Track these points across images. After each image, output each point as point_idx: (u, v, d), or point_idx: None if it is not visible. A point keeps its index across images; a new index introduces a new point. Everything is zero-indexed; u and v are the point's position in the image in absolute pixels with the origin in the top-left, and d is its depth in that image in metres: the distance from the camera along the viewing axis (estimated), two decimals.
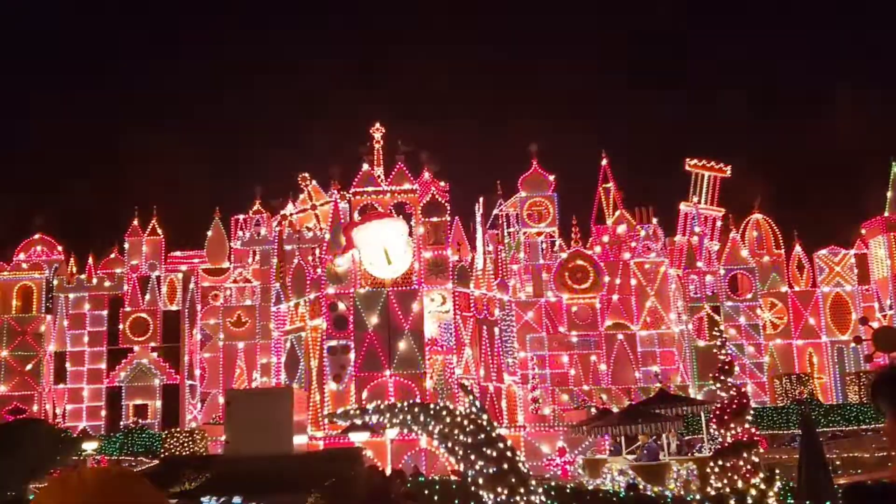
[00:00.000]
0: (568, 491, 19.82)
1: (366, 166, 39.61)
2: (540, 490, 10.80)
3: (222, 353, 49.81)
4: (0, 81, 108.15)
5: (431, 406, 10.91)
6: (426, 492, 17.74)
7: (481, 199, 43.19)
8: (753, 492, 19.42)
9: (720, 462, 20.63)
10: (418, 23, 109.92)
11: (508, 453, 10.46)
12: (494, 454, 10.43)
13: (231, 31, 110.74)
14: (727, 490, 19.76)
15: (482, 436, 10.53)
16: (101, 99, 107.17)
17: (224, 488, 17.42)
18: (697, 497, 20.67)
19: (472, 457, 10.39)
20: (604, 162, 52.40)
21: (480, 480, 10.37)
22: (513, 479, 10.30)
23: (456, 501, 17.08)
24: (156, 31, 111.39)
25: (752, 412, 22.33)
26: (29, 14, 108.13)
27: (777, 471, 21.36)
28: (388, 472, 17.25)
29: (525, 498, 10.28)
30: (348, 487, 18.43)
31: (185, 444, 38.39)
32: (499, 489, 10.26)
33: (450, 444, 10.63)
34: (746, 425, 21.01)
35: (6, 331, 48.60)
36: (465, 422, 10.58)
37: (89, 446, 30.43)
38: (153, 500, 2.54)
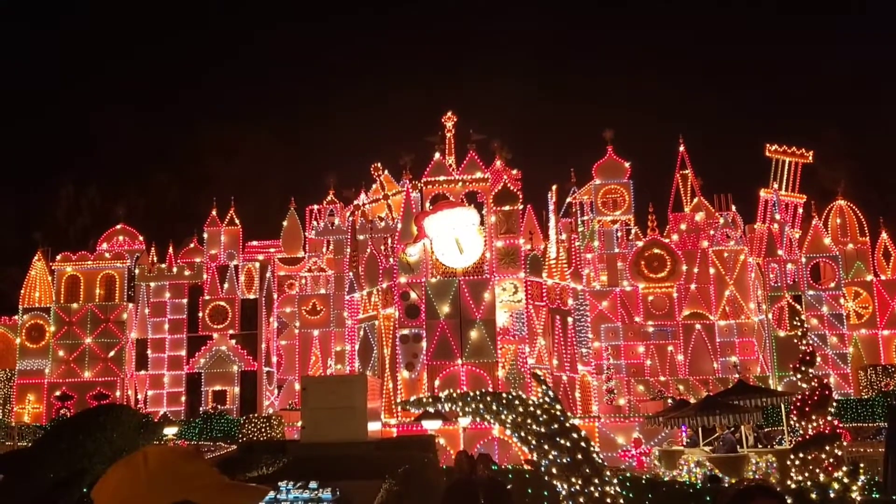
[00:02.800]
0: (643, 482, 19.54)
1: (437, 155, 39.60)
2: (615, 480, 10.64)
3: (298, 341, 50.60)
4: (85, 78, 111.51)
5: (504, 395, 10.82)
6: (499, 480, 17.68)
7: (554, 188, 42.76)
8: (836, 485, 18.84)
9: (801, 455, 20.09)
10: (493, 10, 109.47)
11: (582, 443, 10.31)
12: (568, 444, 10.29)
13: (308, 27, 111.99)
14: (808, 483, 19.22)
15: (555, 426, 10.40)
16: (180, 94, 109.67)
17: (301, 473, 17.70)
18: (777, 489, 20.14)
19: (546, 446, 10.28)
20: (681, 148, 51.43)
21: (554, 470, 10.26)
22: (587, 469, 10.16)
23: (529, 490, 17.01)
24: (236, 30, 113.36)
25: (834, 404, 21.71)
26: (106, 17, 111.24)
27: (861, 465, 20.67)
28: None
29: (599, 488, 10.13)
30: (421, 474, 18.52)
31: (263, 430, 39.18)
32: (573, 479, 10.14)
33: (522, 434, 10.54)
34: (829, 417, 20.43)
35: (90, 318, 50.22)
36: (538, 411, 10.47)
37: (170, 431, 31.21)
38: (211, 480, 2.56)
